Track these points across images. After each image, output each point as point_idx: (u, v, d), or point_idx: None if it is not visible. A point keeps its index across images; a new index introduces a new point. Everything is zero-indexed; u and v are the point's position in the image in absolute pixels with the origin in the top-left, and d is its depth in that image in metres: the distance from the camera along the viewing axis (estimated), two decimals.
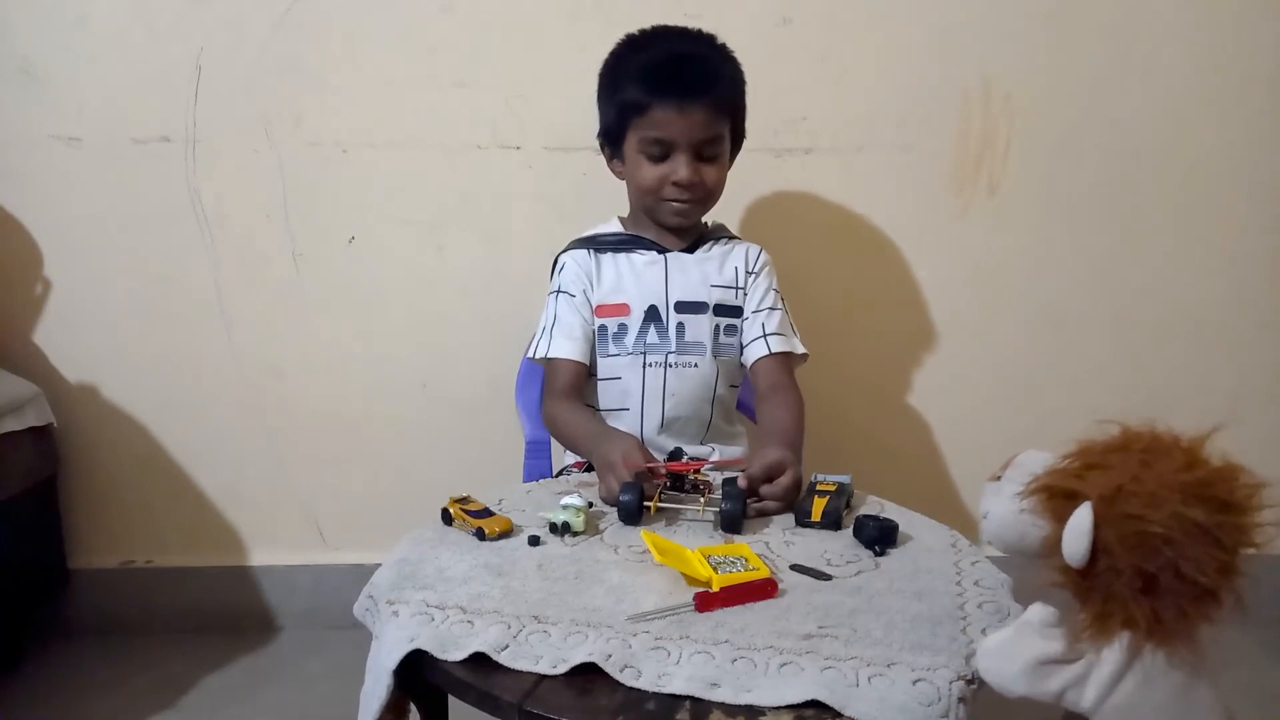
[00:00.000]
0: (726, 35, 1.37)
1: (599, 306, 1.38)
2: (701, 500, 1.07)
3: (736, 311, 1.41)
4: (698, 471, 1.11)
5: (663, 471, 1.11)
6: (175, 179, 1.71)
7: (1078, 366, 1.85)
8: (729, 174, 1.39)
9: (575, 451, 1.35)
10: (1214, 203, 1.80)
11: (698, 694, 0.73)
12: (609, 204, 1.46)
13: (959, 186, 1.77)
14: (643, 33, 1.37)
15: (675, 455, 1.22)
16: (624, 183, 1.41)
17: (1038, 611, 0.72)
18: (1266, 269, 1.83)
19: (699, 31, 1.36)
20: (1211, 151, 1.77)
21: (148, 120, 1.69)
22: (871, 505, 1.13)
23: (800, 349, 1.41)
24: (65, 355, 1.78)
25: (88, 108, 1.68)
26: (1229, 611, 0.68)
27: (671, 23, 1.39)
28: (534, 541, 1.00)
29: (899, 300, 1.82)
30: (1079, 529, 0.68)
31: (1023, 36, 1.71)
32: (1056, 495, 0.72)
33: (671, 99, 1.28)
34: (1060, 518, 0.70)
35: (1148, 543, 0.66)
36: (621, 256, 1.40)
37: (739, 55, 1.37)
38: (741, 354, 1.42)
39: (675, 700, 0.73)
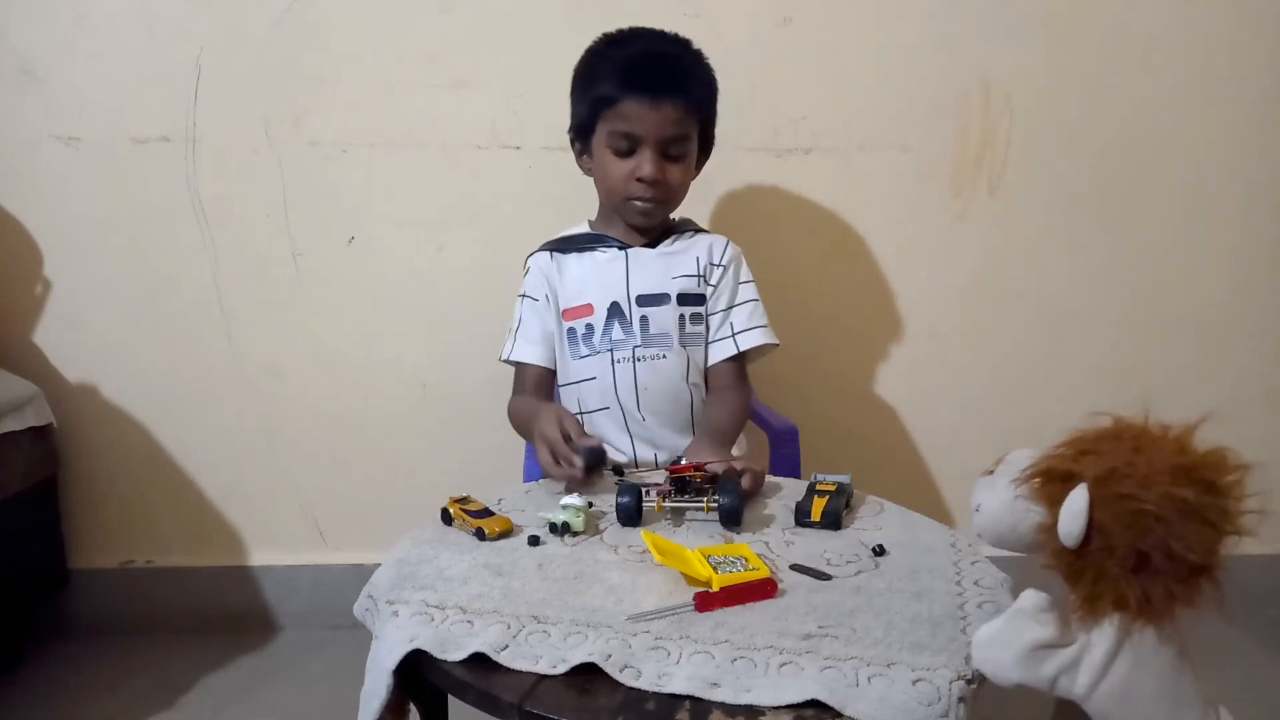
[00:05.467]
0: (726, 35, 1.37)
1: (565, 310, 1.39)
2: (705, 500, 1.07)
3: (700, 300, 1.41)
4: (697, 469, 1.11)
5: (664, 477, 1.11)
6: (175, 179, 1.71)
7: (1077, 366, 1.85)
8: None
9: (529, 440, 1.34)
10: (1214, 203, 1.80)
11: (698, 694, 0.73)
12: None
13: (959, 186, 1.77)
14: (619, 32, 1.38)
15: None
16: (593, 182, 1.41)
17: (1030, 598, 0.73)
18: (1266, 269, 1.83)
19: (675, 34, 1.38)
20: (1211, 151, 1.78)
21: (148, 120, 1.69)
22: (871, 505, 1.13)
23: (773, 339, 1.41)
24: (65, 355, 1.78)
25: (88, 108, 1.68)
26: (1211, 597, 0.70)
27: (672, 22, 1.39)
28: (534, 541, 1.00)
29: (898, 300, 1.82)
30: (1074, 509, 0.70)
31: (1023, 36, 1.72)
32: (1052, 479, 0.74)
33: (643, 93, 1.29)
34: (1055, 501, 0.72)
35: (1140, 522, 0.68)
36: (585, 256, 1.41)
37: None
38: (707, 348, 1.42)
39: (675, 700, 0.73)
